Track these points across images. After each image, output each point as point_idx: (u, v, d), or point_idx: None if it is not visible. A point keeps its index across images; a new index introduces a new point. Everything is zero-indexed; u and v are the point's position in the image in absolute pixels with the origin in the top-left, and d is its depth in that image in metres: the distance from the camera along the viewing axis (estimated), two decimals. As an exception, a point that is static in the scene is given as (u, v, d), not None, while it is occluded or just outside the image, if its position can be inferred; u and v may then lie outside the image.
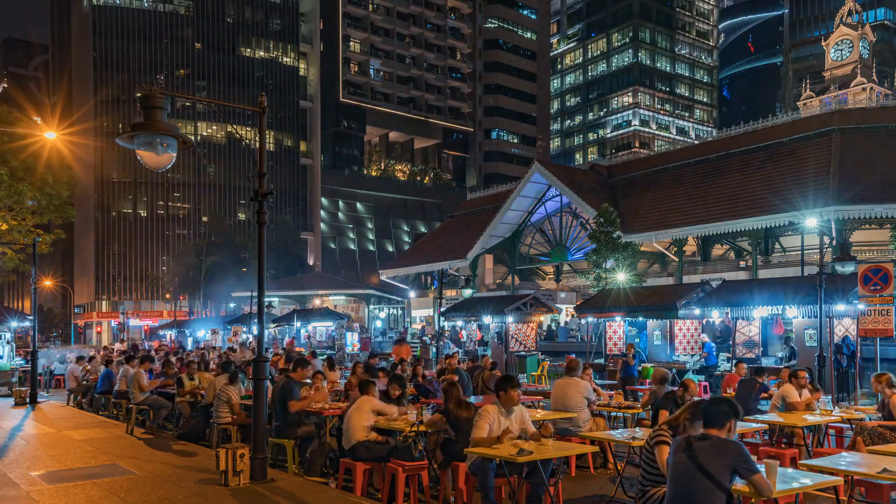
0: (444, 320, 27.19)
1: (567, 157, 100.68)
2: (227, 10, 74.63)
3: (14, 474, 8.12)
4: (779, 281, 18.77)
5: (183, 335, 39.26)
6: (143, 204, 71.75)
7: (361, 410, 7.61)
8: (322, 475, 8.43)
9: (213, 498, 6.86)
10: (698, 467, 4.20)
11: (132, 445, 10.12)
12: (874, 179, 25.79)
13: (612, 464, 8.59)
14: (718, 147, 34.05)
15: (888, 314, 13.54)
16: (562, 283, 40.03)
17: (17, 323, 25.39)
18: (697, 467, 4.20)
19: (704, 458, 4.19)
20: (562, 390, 8.95)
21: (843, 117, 29.54)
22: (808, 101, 53.82)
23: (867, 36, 55.97)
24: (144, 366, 12.84)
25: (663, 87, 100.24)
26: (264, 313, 8.17)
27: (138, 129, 6.65)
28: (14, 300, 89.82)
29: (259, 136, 8.06)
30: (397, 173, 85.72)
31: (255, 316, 11.23)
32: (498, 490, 6.63)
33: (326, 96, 79.40)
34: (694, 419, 5.08)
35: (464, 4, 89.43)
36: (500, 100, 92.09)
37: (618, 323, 20.39)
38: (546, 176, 35.82)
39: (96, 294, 71.29)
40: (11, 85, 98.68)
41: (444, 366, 13.30)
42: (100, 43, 70.01)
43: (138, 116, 6.85)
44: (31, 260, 18.11)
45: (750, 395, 10.23)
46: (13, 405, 15.93)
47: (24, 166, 27.47)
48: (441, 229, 51.02)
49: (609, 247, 27.87)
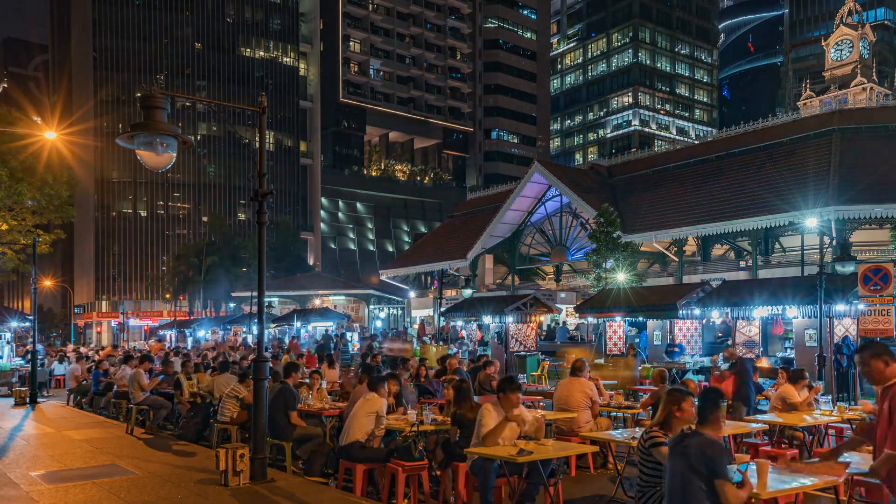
0: (443, 320, 27.19)
1: (567, 157, 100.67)
2: (227, 10, 74.62)
3: (14, 474, 8.12)
4: (779, 281, 18.76)
5: (183, 335, 39.26)
6: (143, 204, 71.75)
7: (368, 410, 7.56)
8: (322, 475, 8.43)
9: (213, 498, 6.86)
10: (689, 467, 4.21)
11: (132, 445, 10.12)
12: (874, 179, 25.77)
13: (612, 464, 8.60)
14: (718, 147, 34.02)
15: (888, 314, 13.55)
16: (562, 283, 40.01)
17: (17, 323, 25.41)
18: (688, 467, 4.22)
19: (693, 457, 4.22)
20: (566, 389, 8.96)
21: (843, 117, 29.52)
22: (808, 101, 53.78)
23: (867, 36, 55.92)
24: (144, 366, 12.85)
25: (663, 87, 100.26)
26: (264, 313, 8.17)
27: (138, 129, 6.65)
28: (14, 300, 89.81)
29: (259, 136, 8.07)
30: (397, 173, 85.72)
31: (255, 316, 11.24)
32: (498, 490, 6.63)
33: (326, 96, 79.40)
34: (674, 403, 5.06)
35: (464, 4, 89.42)
36: (500, 100, 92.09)
37: (618, 323, 20.39)
38: (546, 176, 35.81)
39: (96, 294, 71.29)
40: (11, 85, 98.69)
41: (443, 366, 13.27)
42: (100, 43, 70.01)
43: (138, 116, 6.85)
44: (31, 260, 18.12)
45: (744, 385, 10.21)
46: (13, 405, 15.94)
47: (24, 166, 27.46)
48: (441, 229, 51.01)
49: (609, 247, 27.85)
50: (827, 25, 76.78)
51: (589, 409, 8.80)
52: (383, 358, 18.57)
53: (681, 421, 5.05)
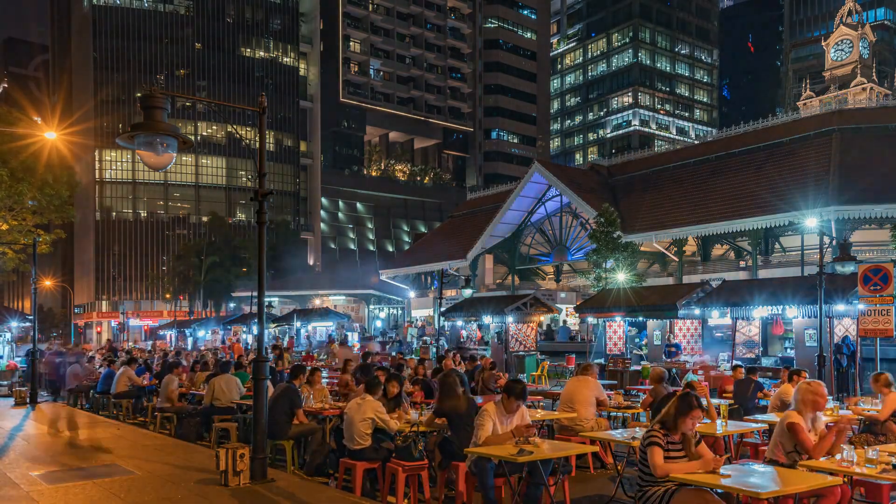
0: (443, 320, 27.18)
1: (567, 157, 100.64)
2: (227, 10, 74.61)
3: (14, 474, 8.12)
4: (779, 281, 18.77)
5: (183, 335, 39.26)
6: (143, 204, 71.75)
7: (362, 416, 7.58)
8: (322, 475, 8.43)
9: (213, 498, 6.86)
10: None
11: (132, 445, 10.12)
12: (874, 179, 25.77)
13: (610, 464, 8.60)
14: (718, 147, 34.01)
15: (888, 314, 13.54)
16: (562, 283, 40.01)
17: (18, 323, 25.43)
18: None
19: None
20: (574, 387, 8.98)
21: (843, 117, 29.51)
22: (808, 101, 53.79)
23: (867, 36, 55.94)
24: (132, 366, 12.93)
25: (663, 87, 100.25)
26: (264, 313, 8.17)
27: (138, 129, 6.65)
28: (14, 300, 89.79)
29: (259, 136, 8.06)
30: (397, 173, 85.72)
31: (254, 316, 11.23)
32: (498, 490, 6.63)
33: (326, 96, 79.38)
34: (683, 414, 5.12)
35: (464, 4, 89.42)
36: (500, 100, 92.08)
37: (618, 323, 20.40)
38: (546, 176, 35.80)
39: (96, 294, 71.28)
40: (11, 85, 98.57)
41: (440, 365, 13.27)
42: (100, 43, 70.00)
43: (138, 116, 6.85)
44: (32, 260, 18.11)
45: (747, 394, 10.25)
46: (13, 405, 15.93)
47: (25, 166, 27.44)
48: (441, 229, 51.00)
49: (609, 247, 27.84)
50: (827, 25, 76.78)
51: (593, 408, 8.83)
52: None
53: (685, 428, 5.15)
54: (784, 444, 5.83)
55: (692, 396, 5.26)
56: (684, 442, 5.18)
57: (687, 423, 5.11)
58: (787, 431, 5.79)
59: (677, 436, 5.17)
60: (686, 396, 5.26)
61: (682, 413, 5.12)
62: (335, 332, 34.47)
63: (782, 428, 5.86)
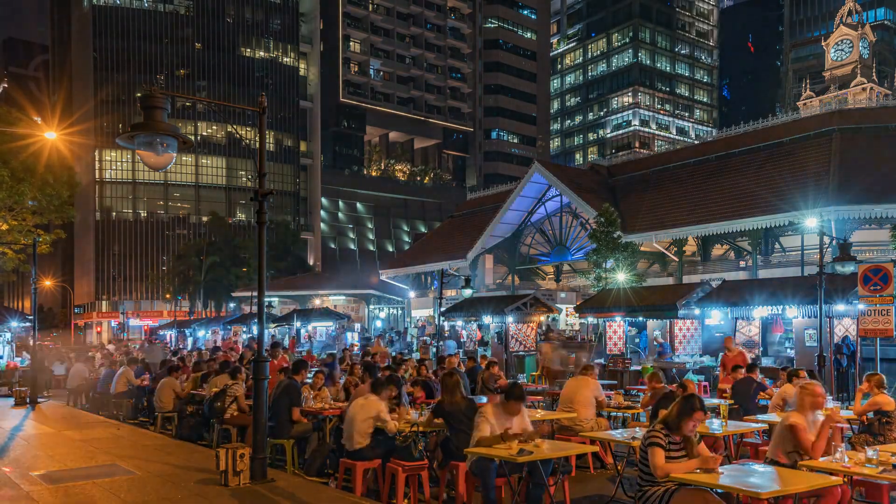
0: (443, 320, 27.17)
1: (567, 157, 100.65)
2: (227, 10, 74.60)
3: (14, 474, 8.12)
4: (779, 281, 18.76)
5: (183, 335, 39.25)
6: (143, 204, 71.74)
7: (365, 415, 7.57)
8: (322, 475, 8.43)
9: (213, 498, 6.86)
10: None
11: (132, 445, 10.12)
12: (874, 179, 25.75)
13: (610, 464, 8.60)
14: (718, 147, 33.99)
15: (888, 314, 13.53)
16: (562, 283, 39.98)
17: (18, 323, 25.40)
18: None
19: None
20: (573, 388, 8.99)
21: (843, 117, 29.50)
22: (808, 101, 53.81)
23: (867, 36, 55.96)
24: (132, 366, 12.93)
25: (663, 87, 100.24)
26: (264, 313, 8.17)
27: (138, 129, 6.65)
28: (14, 300, 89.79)
29: (259, 136, 8.06)
30: (397, 173, 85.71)
31: (255, 316, 11.23)
32: (498, 490, 6.63)
33: (326, 96, 79.39)
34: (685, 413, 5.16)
35: (464, 4, 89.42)
36: (500, 100, 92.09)
37: (618, 323, 20.39)
38: (546, 176, 35.79)
39: (96, 294, 71.28)
40: (11, 85, 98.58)
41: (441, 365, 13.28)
42: (100, 43, 69.99)
43: (138, 116, 6.85)
44: (32, 260, 18.11)
45: (747, 394, 10.24)
46: (13, 405, 15.94)
47: (25, 167, 27.43)
48: (441, 229, 50.98)
49: (609, 247, 27.83)
50: (827, 25, 76.81)
51: (593, 408, 8.83)
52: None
53: (687, 430, 5.19)
54: (784, 444, 5.84)
55: (695, 398, 5.29)
56: (685, 442, 5.20)
57: (689, 425, 5.16)
58: (788, 432, 5.80)
59: (678, 436, 5.20)
60: (689, 398, 5.30)
61: (685, 414, 5.15)
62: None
63: (783, 428, 5.87)
